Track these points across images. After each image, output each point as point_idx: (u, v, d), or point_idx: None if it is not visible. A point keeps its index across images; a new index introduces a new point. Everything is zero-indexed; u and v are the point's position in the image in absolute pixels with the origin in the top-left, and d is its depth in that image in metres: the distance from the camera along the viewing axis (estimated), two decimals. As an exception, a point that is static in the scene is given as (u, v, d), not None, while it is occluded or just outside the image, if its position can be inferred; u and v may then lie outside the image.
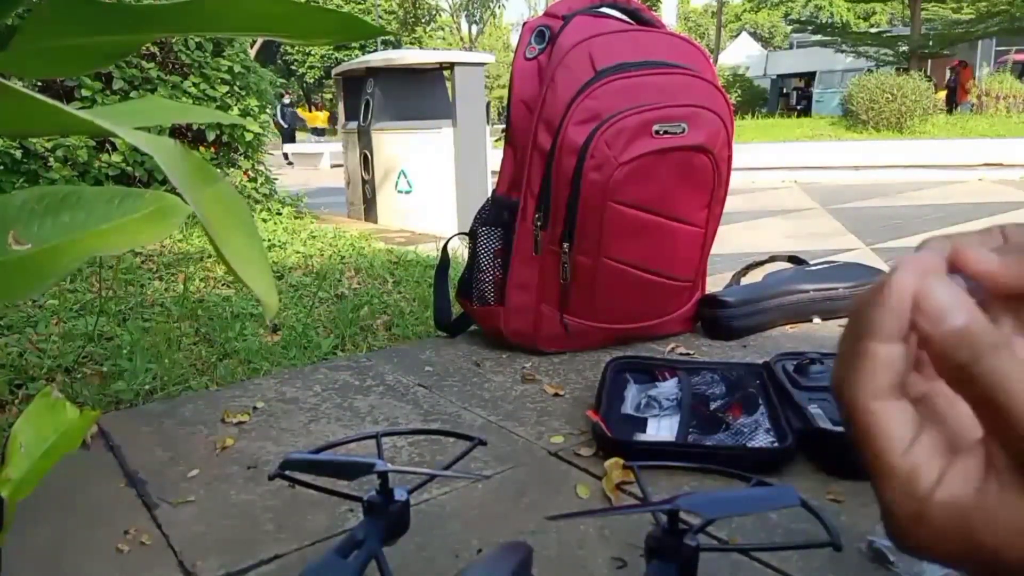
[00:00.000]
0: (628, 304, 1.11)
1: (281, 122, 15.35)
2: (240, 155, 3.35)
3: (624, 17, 1.12)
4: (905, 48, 15.16)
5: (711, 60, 1.13)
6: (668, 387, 0.91)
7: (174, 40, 2.96)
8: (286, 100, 17.82)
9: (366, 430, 0.84)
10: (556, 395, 0.96)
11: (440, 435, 0.73)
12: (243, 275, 0.37)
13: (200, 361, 1.20)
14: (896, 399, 0.22)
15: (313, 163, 11.70)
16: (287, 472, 0.53)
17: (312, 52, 27.94)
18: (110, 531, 0.65)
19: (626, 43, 1.05)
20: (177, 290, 1.70)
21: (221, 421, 0.89)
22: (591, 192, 1.01)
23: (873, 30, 20.93)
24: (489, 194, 1.16)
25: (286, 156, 13.67)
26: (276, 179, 3.67)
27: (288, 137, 15.15)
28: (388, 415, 0.90)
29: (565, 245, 1.04)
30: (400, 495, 0.51)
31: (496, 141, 6.12)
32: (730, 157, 1.10)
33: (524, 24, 1.13)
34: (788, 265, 1.39)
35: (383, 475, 0.49)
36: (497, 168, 1.14)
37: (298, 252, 2.38)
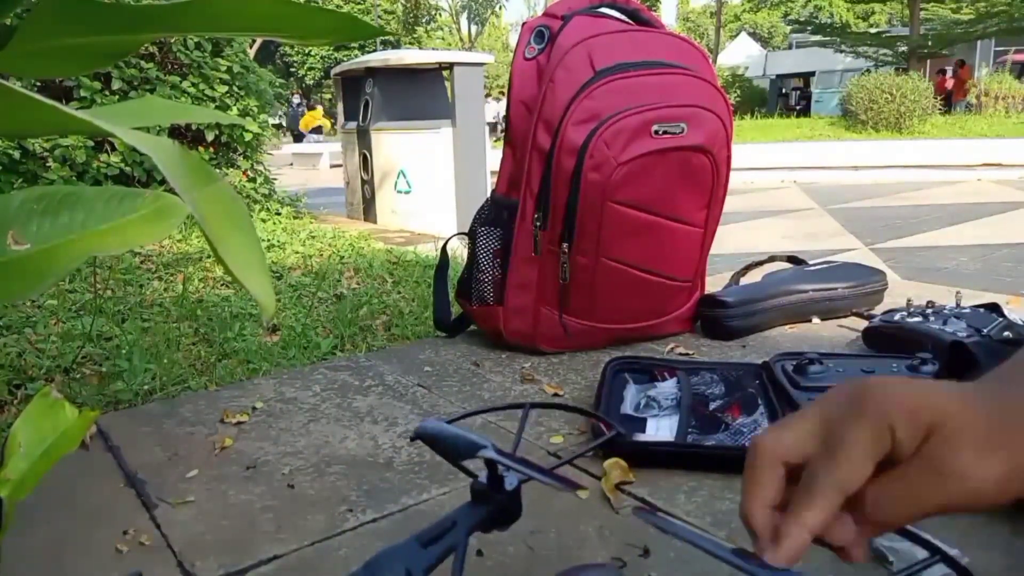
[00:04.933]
0: (627, 304, 1.11)
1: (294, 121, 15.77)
2: (239, 155, 3.35)
3: (623, 17, 1.12)
4: (904, 48, 15.18)
5: (710, 60, 1.13)
6: (667, 387, 0.91)
7: (173, 40, 2.96)
8: (296, 100, 18.07)
9: (516, 400, 0.86)
10: (555, 395, 0.96)
11: (581, 414, 0.72)
12: (240, 276, 0.37)
13: (199, 361, 1.20)
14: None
15: (312, 163, 11.70)
16: (421, 439, 0.52)
17: (311, 52, 27.90)
18: (109, 531, 0.65)
19: (625, 43, 1.05)
20: (176, 290, 1.70)
21: (220, 421, 0.89)
22: (590, 192, 1.01)
23: (872, 30, 20.92)
24: (488, 194, 1.16)
25: (300, 138, 14.18)
26: (275, 179, 3.67)
27: (296, 137, 15.26)
28: (388, 415, 0.90)
29: (564, 245, 1.04)
30: (510, 483, 0.48)
31: (496, 141, 6.12)
32: (729, 157, 1.10)
33: (523, 24, 1.13)
34: (787, 265, 1.39)
35: (490, 462, 0.47)
36: (496, 168, 1.14)
37: (297, 252, 2.38)
